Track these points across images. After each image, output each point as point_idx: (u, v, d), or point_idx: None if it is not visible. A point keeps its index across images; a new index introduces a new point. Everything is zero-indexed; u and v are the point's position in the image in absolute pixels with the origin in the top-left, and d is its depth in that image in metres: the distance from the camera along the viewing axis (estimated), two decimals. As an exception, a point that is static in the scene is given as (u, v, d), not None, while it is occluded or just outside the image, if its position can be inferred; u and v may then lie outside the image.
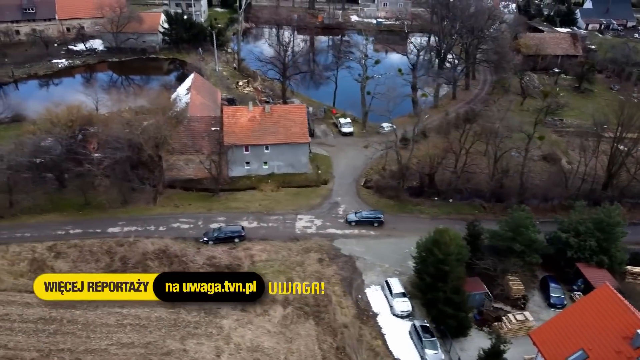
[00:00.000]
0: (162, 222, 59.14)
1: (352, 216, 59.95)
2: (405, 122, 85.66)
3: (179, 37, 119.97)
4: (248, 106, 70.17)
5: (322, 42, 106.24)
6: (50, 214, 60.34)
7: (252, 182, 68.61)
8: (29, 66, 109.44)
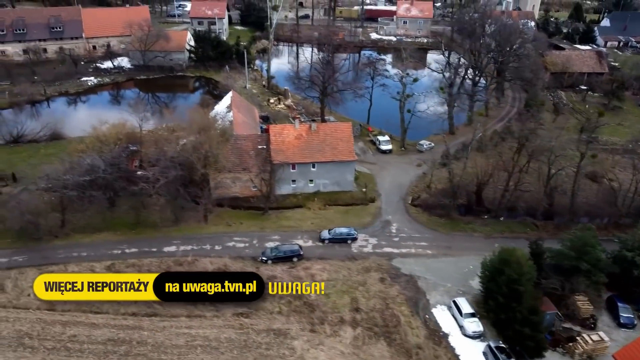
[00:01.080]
0: (216, 240, 58.95)
1: (325, 234, 59.23)
2: (442, 140, 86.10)
3: (206, 55, 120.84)
4: (294, 124, 70.41)
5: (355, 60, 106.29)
6: (103, 233, 60.10)
7: (298, 201, 68.54)
8: (59, 84, 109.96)
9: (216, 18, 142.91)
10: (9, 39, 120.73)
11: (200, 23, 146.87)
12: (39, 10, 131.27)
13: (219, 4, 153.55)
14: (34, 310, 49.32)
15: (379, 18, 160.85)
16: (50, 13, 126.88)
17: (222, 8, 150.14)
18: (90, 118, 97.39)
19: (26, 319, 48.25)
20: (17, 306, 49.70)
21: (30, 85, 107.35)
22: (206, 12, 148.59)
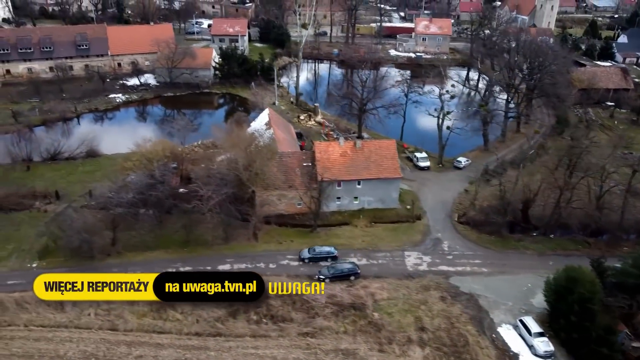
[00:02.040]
0: (269, 259, 58.70)
1: (305, 253, 58.52)
2: (478, 156, 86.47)
3: (231, 72, 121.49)
4: (339, 141, 70.57)
5: (389, 77, 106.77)
6: (155, 251, 59.86)
7: (344, 218, 68.42)
8: (88, 101, 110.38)
9: (239, 35, 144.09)
10: (37, 56, 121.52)
11: (222, 40, 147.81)
12: (65, 28, 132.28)
13: (240, 21, 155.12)
14: (96, 330, 48.94)
15: (398, 35, 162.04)
16: (77, 31, 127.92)
17: (243, 25, 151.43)
18: (123, 135, 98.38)
19: (90, 339, 47.82)
20: (78, 326, 49.29)
21: (59, 102, 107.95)
22: (227, 30, 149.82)
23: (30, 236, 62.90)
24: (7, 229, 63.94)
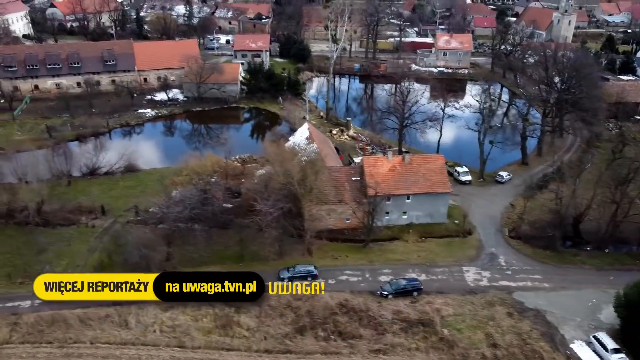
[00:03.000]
0: (328, 274, 58.16)
1: (284, 272, 57.29)
2: (516, 170, 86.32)
3: (258, 86, 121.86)
4: (387, 156, 70.47)
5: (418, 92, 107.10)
6: (210, 267, 59.28)
7: (393, 233, 68.05)
8: (118, 116, 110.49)
9: (263, 51, 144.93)
10: (65, 72, 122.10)
11: (244, 55, 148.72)
12: (92, 44, 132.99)
13: (263, 37, 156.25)
14: (164, 347, 48.33)
15: (418, 50, 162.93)
16: (104, 47, 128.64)
17: (265, 41, 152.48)
18: (157, 149, 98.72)
19: (159, 357, 47.27)
20: (145, 343, 48.71)
21: (89, 117, 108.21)
22: (250, 45, 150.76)
23: (83, 251, 62.55)
24: (58, 244, 63.52)
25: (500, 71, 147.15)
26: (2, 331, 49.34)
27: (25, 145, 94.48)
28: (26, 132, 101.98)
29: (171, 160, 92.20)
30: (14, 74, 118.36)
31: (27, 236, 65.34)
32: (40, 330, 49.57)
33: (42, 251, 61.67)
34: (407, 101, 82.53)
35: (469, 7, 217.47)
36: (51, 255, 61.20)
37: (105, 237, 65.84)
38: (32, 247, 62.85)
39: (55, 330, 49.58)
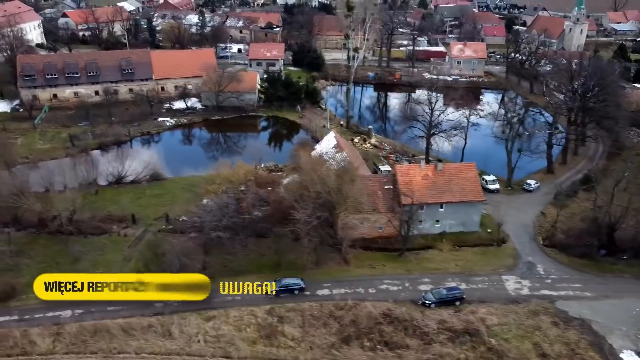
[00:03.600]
0: (367, 283, 57.91)
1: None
2: (543, 179, 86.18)
3: (276, 95, 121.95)
4: (420, 164, 70.35)
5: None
6: (248, 276, 58.76)
7: (426, 242, 67.73)
8: (138, 124, 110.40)
9: (280, 59, 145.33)
10: (83, 81, 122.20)
11: (259, 64, 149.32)
12: (110, 53, 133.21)
13: (278, 46, 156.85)
14: (210, 357, 47.94)
15: (432, 58, 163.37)
16: (121, 56, 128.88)
17: (280, 50, 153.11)
18: (180, 157, 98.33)
19: (206, 367, 46.81)
20: (190, 353, 48.34)
21: (109, 126, 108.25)
22: (265, 54, 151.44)
23: (117, 260, 62.19)
24: (92, 254, 63.18)
25: (515, 79, 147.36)
26: (45, 341, 48.90)
27: (49, 154, 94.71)
28: (48, 141, 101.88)
29: (195, 168, 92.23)
30: (34, 83, 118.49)
31: (61, 245, 65.01)
32: (84, 341, 49.15)
33: (77, 260, 61.29)
34: (435, 109, 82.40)
35: (478, 16, 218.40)
36: (87, 264, 60.76)
37: (139, 245, 65.46)
38: (66, 257, 62.51)
39: (98, 341, 49.15)
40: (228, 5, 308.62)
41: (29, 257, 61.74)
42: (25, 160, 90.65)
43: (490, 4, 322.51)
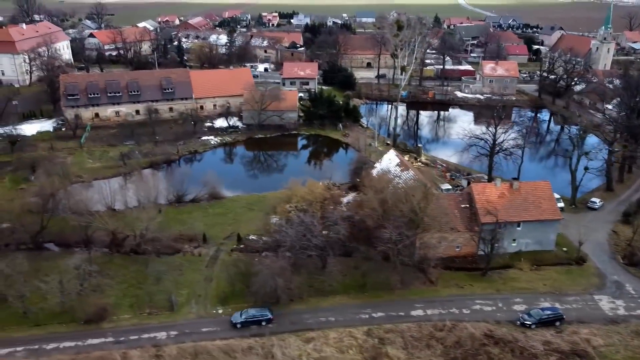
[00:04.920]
0: (459, 304, 57.07)
1: (236, 316, 53.52)
2: (603, 196, 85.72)
3: (316, 113, 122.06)
4: (495, 183, 69.92)
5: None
6: (337, 296, 58.18)
7: (504, 261, 66.80)
8: (183, 143, 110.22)
9: (314, 78, 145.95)
10: (125, 99, 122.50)
11: (293, 83, 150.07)
12: (150, 73, 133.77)
13: (311, 65, 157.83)
14: (319, 380, 46.86)
15: (463, 77, 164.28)
16: (161, 75, 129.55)
17: (313, 69, 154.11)
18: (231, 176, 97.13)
19: (318, 390, 45.71)
20: (298, 376, 47.23)
21: (155, 145, 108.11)
22: (298, 73, 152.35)
23: (199, 280, 61.36)
24: (171, 273, 62.28)
25: (549, 98, 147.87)
26: (146, 364, 47.92)
27: (101, 173, 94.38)
28: (97, 159, 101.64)
29: (249, 187, 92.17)
30: (77, 102, 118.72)
31: (137, 265, 64.24)
32: (186, 363, 48.14)
33: (159, 280, 60.45)
34: (499, 126, 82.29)
35: (498, 35, 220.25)
36: (169, 284, 60.01)
37: (216, 265, 64.67)
38: (145, 276, 61.71)
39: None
40: (244, 25, 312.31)
41: (108, 277, 60.80)
42: (79, 179, 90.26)
43: (503, 23, 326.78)
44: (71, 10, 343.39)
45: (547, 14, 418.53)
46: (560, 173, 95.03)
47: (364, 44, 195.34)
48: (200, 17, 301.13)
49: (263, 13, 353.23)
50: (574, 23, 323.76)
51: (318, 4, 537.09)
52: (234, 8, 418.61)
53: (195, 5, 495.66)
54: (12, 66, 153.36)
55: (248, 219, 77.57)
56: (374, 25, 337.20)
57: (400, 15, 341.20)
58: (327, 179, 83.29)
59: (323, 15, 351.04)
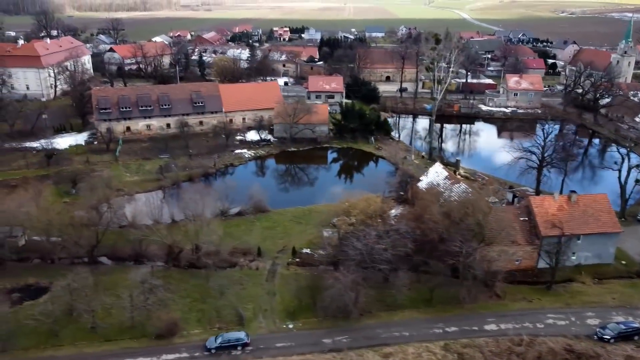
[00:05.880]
0: (531, 318, 56.36)
1: (211, 341, 51.07)
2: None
3: (349, 127, 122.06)
4: (553, 196, 69.51)
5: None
6: (405, 310, 57.51)
7: (564, 274, 66.09)
8: (218, 157, 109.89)
9: (340, 92, 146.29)
10: (156, 113, 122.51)
11: (318, 97, 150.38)
12: (180, 87, 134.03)
13: (336, 78, 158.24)
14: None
15: (486, 90, 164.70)
16: (192, 89, 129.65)
17: (339, 82, 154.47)
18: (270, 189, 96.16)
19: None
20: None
21: (190, 158, 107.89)
22: (324, 87, 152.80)
23: (261, 295, 60.68)
24: (232, 287, 61.52)
25: (574, 111, 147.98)
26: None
27: (141, 186, 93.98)
28: (134, 173, 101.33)
29: (290, 200, 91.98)
30: (109, 115, 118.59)
31: (196, 279, 63.59)
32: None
33: (221, 294, 59.70)
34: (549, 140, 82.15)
35: (513, 50, 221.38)
36: (232, 298, 59.26)
37: (276, 279, 64.01)
38: (206, 290, 61.01)
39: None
40: (256, 40, 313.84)
41: (169, 291, 60.01)
42: (121, 193, 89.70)
43: (513, 38, 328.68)
44: (82, 25, 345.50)
45: (554, 29, 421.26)
46: (600, 185, 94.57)
47: (383, 57, 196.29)
48: (213, 32, 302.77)
49: (274, 28, 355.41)
50: (583, 37, 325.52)
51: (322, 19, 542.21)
52: (242, 23, 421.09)
53: (202, 21, 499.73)
54: (37, 80, 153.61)
55: (298, 232, 77.14)
56: (384, 39, 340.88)
57: (411, 30, 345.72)
58: (380, 192, 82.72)
59: (333, 30, 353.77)
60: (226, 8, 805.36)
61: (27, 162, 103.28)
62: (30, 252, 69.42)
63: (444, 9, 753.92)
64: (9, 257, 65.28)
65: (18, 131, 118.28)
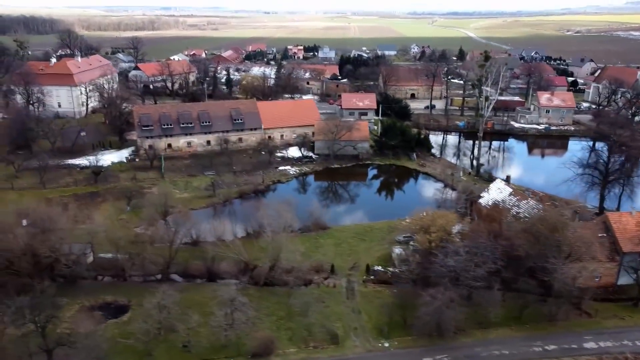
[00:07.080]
0: (629, 335, 55.44)
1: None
2: None
3: (389, 144, 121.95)
4: (631, 212, 68.93)
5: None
6: (499, 329, 56.49)
7: None
8: (262, 173, 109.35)
9: (373, 109, 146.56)
10: (197, 130, 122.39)
11: (351, 114, 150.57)
12: (219, 104, 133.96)
13: (369, 95, 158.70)
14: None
15: (517, 107, 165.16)
16: (230, 106, 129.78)
17: (372, 100, 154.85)
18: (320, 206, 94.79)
19: None
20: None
21: (234, 175, 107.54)
22: (357, 104, 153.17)
23: (347, 313, 59.63)
24: (315, 305, 60.37)
25: (608, 128, 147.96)
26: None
27: (193, 204, 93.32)
28: (182, 190, 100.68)
29: (347, 216, 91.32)
30: (151, 132, 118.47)
31: (275, 297, 62.60)
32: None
33: (305, 312, 58.67)
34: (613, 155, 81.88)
35: (539, 67, 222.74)
36: (318, 316, 58.17)
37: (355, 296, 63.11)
38: (288, 308, 60.01)
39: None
40: (271, 59, 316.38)
41: (252, 309, 58.79)
42: (176, 210, 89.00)
43: (526, 56, 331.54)
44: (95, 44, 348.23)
45: (562, 47, 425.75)
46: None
47: (407, 75, 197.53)
48: (230, 51, 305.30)
49: (289, 46, 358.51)
50: (594, 55, 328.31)
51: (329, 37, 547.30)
52: (253, 42, 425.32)
53: (212, 40, 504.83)
54: (69, 98, 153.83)
55: (364, 249, 76.31)
56: (397, 57, 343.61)
57: (425, 48, 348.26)
58: (452, 209, 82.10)
59: (345, 49, 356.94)
60: (231, 27, 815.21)
61: (75, 180, 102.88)
62: (99, 270, 68.61)
63: (448, 28, 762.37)
64: (86, 275, 64.28)
65: (58, 148, 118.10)
